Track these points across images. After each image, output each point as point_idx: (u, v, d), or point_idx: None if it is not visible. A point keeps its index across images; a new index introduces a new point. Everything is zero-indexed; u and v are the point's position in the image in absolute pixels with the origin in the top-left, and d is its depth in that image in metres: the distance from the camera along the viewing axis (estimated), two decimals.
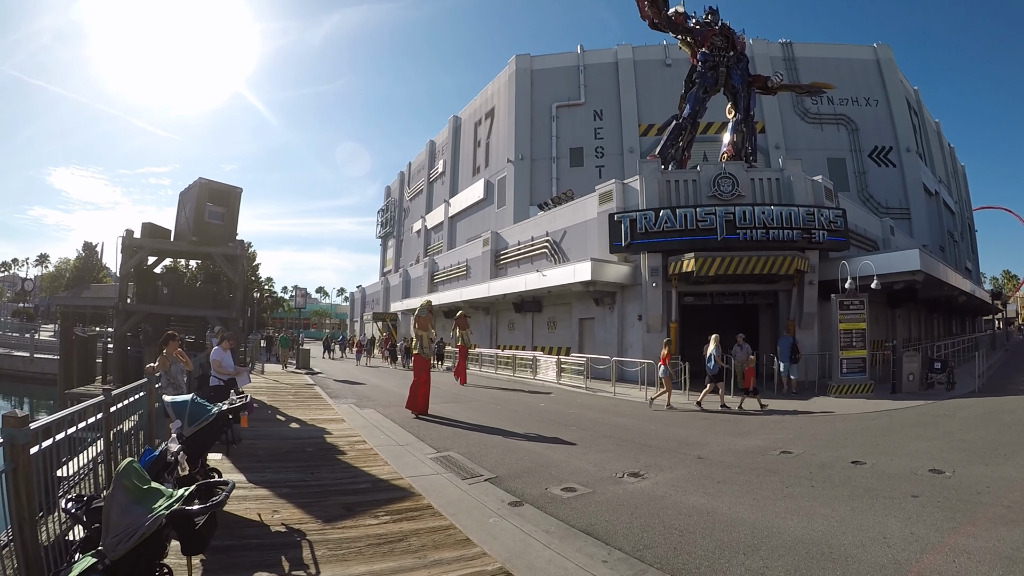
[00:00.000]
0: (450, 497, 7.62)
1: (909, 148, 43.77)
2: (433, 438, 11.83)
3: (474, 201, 49.22)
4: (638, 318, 23.64)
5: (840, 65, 43.95)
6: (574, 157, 42.52)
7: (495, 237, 35.32)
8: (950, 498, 7.66)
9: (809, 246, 22.82)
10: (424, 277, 46.11)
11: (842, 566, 5.49)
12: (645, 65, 43.64)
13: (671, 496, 7.86)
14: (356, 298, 75.20)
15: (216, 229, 21.44)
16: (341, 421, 13.76)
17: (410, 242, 65.19)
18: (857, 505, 7.41)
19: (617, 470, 9.28)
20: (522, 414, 15.88)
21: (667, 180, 24.32)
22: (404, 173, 71.13)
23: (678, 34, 26.92)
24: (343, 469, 9.17)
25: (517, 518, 6.79)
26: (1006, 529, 6.43)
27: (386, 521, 6.62)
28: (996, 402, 17.07)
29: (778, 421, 14.97)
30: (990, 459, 9.88)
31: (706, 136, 33.84)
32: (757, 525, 6.67)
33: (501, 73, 47.82)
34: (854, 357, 19.53)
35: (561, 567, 5.41)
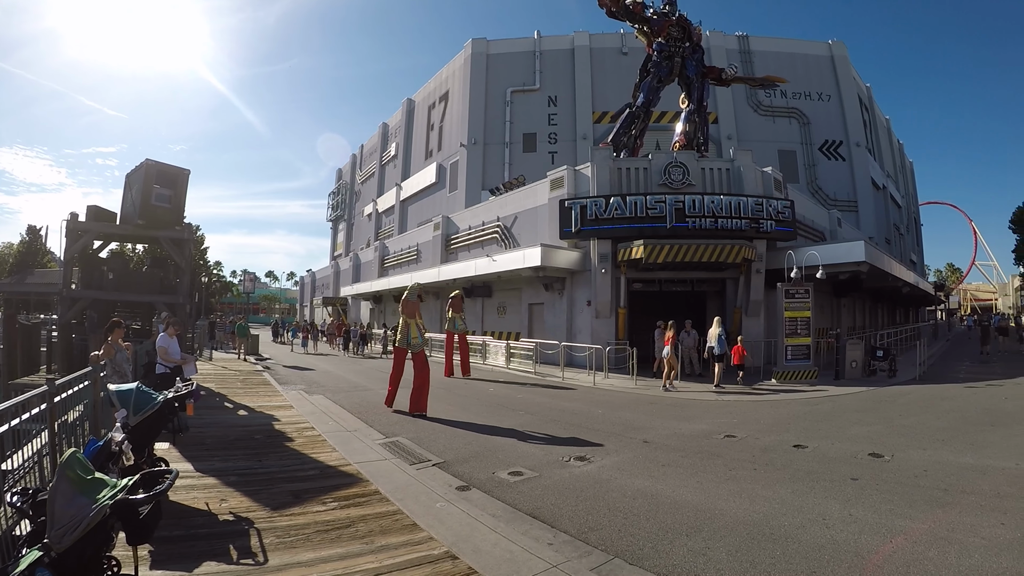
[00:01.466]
0: (398, 483, 7.64)
1: (859, 143, 44.71)
2: (382, 424, 11.78)
3: (426, 185, 48.74)
4: (587, 304, 23.61)
5: (795, 60, 44.58)
6: (527, 143, 42.30)
7: (446, 222, 34.97)
8: (889, 481, 7.87)
9: (757, 235, 23.05)
10: (375, 261, 45.51)
11: (782, 546, 5.65)
12: (601, 53, 43.50)
13: (616, 479, 7.95)
14: (306, 282, 74.18)
15: (163, 212, 20.84)
16: (290, 408, 13.58)
17: (361, 226, 64.32)
18: (798, 488, 7.58)
19: (564, 454, 9.35)
20: (471, 399, 15.81)
21: (618, 168, 24.27)
22: (356, 156, 70.04)
23: (635, 23, 26.95)
24: (291, 456, 9.09)
25: (464, 502, 6.85)
26: (942, 511, 6.64)
27: (334, 508, 6.61)
28: (935, 389, 17.48)
29: (722, 406, 15.18)
30: (928, 444, 10.15)
31: (659, 125, 33.88)
32: (700, 507, 6.80)
33: (457, 56, 47.29)
34: (799, 344, 19.78)
35: (507, 550, 5.49)
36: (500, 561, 5.27)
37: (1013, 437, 10.54)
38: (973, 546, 5.66)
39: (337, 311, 52.44)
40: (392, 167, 56.89)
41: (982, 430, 11.29)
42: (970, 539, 5.83)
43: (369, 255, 48.32)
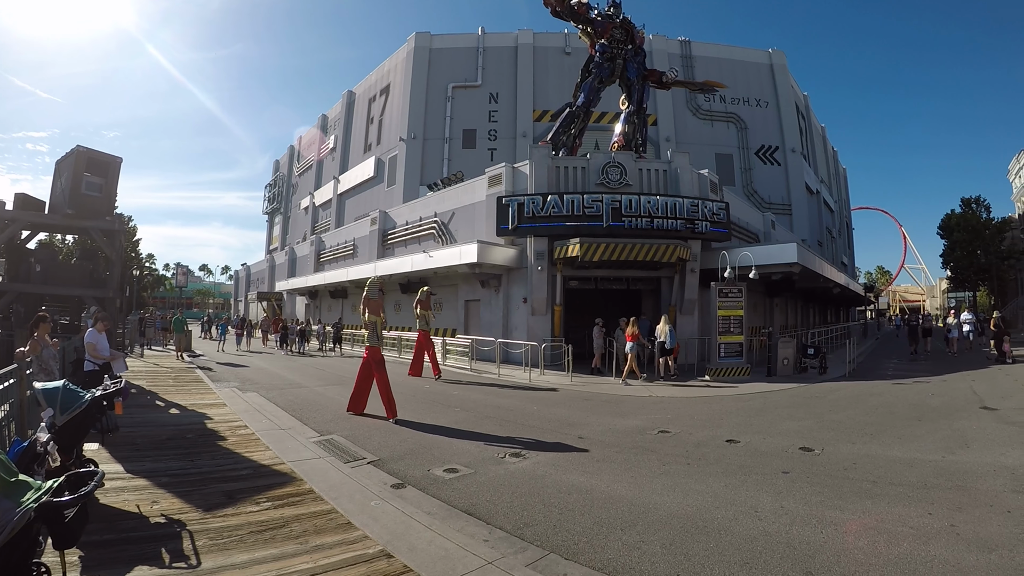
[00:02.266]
0: (332, 481, 7.58)
1: (794, 149, 45.84)
2: (316, 421, 11.57)
3: (364, 179, 47.97)
4: (523, 301, 23.50)
5: (735, 67, 45.49)
6: (467, 139, 42.03)
7: (383, 216, 34.42)
8: (819, 474, 8.09)
9: (692, 236, 23.29)
10: (310, 256, 44.59)
11: (715, 538, 5.75)
12: (545, 52, 43.58)
13: (552, 475, 8.00)
14: (240, 277, 72.20)
15: (93, 201, 19.83)
16: (223, 406, 13.22)
17: (297, 219, 63.01)
18: (731, 481, 7.72)
19: (499, 450, 9.37)
20: (407, 396, 15.44)
21: (557, 166, 24.22)
22: (294, 147, 68.50)
23: (579, 23, 26.94)
24: (224, 455, 8.91)
25: (399, 500, 6.82)
26: (871, 502, 6.83)
27: (267, 507, 6.51)
28: (864, 386, 17.95)
29: (657, 402, 15.28)
30: (857, 438, 10.41)
31: (599, 125, 34.10)
32: (635, 502, 6.87)
33: (400, 50, 46.72)
34: (732, 342, 20.14)
35: (442, 548, 5.49)
36: (435, 559, 5.25)
37: (939, 431, 10.84)
38: (902, 535, 5.80)
39: (272, 306, 51.28)
40: (330, 160, 55.86)
41: (909, 425, 11.59)
42: (899, 528, 5.98)
43: (305, 249, 47.35)
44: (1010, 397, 14.80)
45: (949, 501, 6.79)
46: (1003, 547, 5.45)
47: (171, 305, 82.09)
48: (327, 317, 38.82)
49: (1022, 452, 9.07)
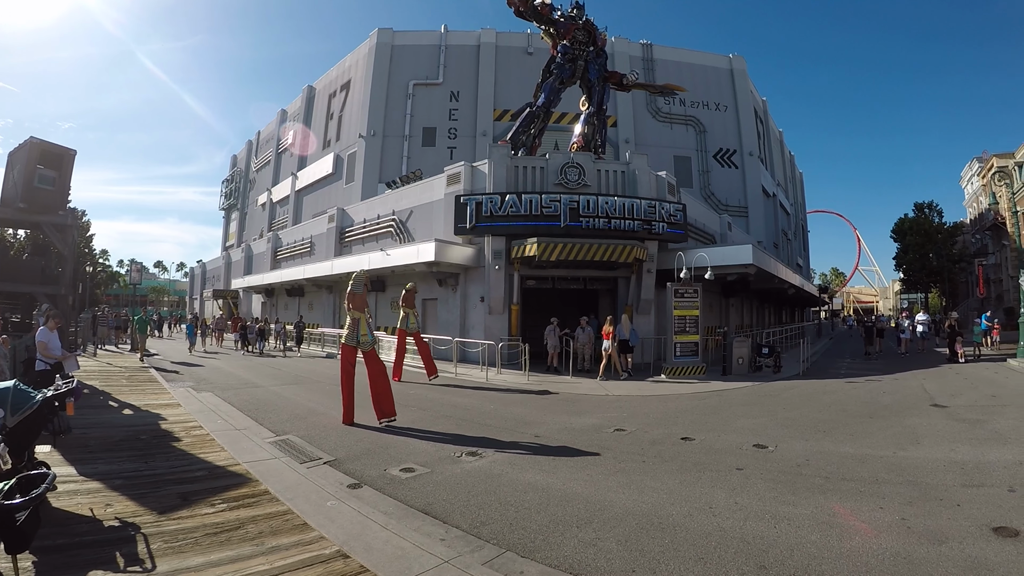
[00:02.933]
0: (288, 482, 7.59)
1: (752, 153, 46.43)
2: (272, 422, 11.46)
3: (322, 175, 47.33)
4: (480, 300, 23.45)
5: (695, 70, 45.80)
6: (427, 137, 41.69)
7: (341, 214, 34.05)
8: (773, 470, 8.27)
9: (649, 237, 23.42)
10: (267, 253, 43.88)
11: (670, 534, 5.88)
12: (507, 51, 43.48)
13: (508, 474, 8.10)
14: (196, 274, 70.66)
15: (46, 195, 19.44)
16: (177, 406, 13.06)
17: (254, 216, 61.91)
18: (686, 478, 7.88)
19: (456, 450, 9.45)
20: (363, 395, 15.30)
21: (516, 165, 24.20)
22: (252, 142, 67.20)
23: (542, 24, 26.87)
24: (179, 457, 8.87)
25: (355, 500, 6.84)
26: (824, 497, 6.99)
27: (223, 509, 6.48)
28: (817, 384, 18.39)
29: (613, 401, 15.46)
30: (810, 435, 10.63)
31: (559, 126, 34.13)
32: (590, 499, 6.96)
33: (361, 45, 46.15)
34: (687, 341, 20.36)
35: (399, 547, 5.52)
36: (392, 558, 5.28)
37: (890, 428, 11.14)
38: (853, 529, 5.97)
39: (228, 304, 50.44)
40: (288, 156, 54.92)
41: (861, 422, 11.88)
42: (851, 523, 6.16)
43: (262, 246, 46.57)
44: (960, 395, 15.27)
45: (900, 495, 6.97)
46: (953, 539, 5.62)
47: (124, 303, 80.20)
48: (284, 315, 38.31)
49: (971, 448, 9.35)
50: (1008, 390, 16.11)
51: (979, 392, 15.75)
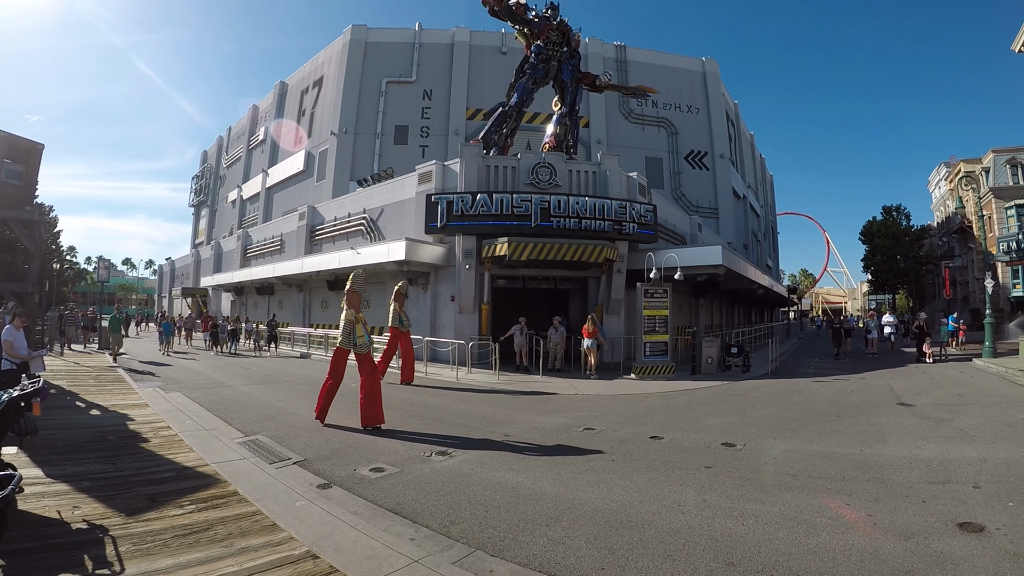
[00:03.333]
0: (257, 482, 7.49)
1: (723, 155, 46.92)
2: (241, 422, 11.32)
3: (293, 172, 46.96)
4: (451, 299, 23.39)
5: (668, 73, 46.15)
6: (399, 135, 41.54)
7: (311, 211, 33.74)
8: (741, 468, 8.33)
9: (620, 237, 23.55)
10: (237, 251, 43.28)
11: (639, 532, 5.90)
12: (481, 50, 43.48)
13: (477, 473, 8.07)
14: (165, 271, 69.62)
15: (12, 190, 18.92)
16: (145, 406, 12.82)
17: (224, 212, 61.18)
18: (654, 477, 7.90)
19: (425, 449, 9.40)
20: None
21: (487, 165, 24.18)
22: (223, 138, 66.40)
23: (516, 24, 26.93)
24: (147, 458, 8.70)
25: (325, 501, 6.79)
26: (791, 495, 7.06)
27: (191, 511, 6.41)
28: (785, 383, 18.56)
29: (582, 400, 15.48)
30: (778, 434, 10.74)
31: (531, 126, 34.23)
32: (559, 498, 6.97)
33: (335, 42, 45.83)
34: (657, 341, 20.48)
35: (368, 547, 5.48)
36: (361, 558, 5.24)
37: (857, 426, 11.28)
38: (820, 526, 6.02)
39: (197, 302, 49.81)
40: (260, 152, 54.38)
41: (829, 420, 12.00)
42: (818, 519, 6.21)
43: (232, 244, 45.96)
44: (926, 394, 15.51)
45: (866, 492, 7.06)
46: (919, 535, 5.71)
47: (92, 301, 78.92)
48: (254, 314, 37.92)
49: (937, 445, 9.50)
50: (973, 389, 16.41)
51: (945, 391, 16.02)
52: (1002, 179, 49.41)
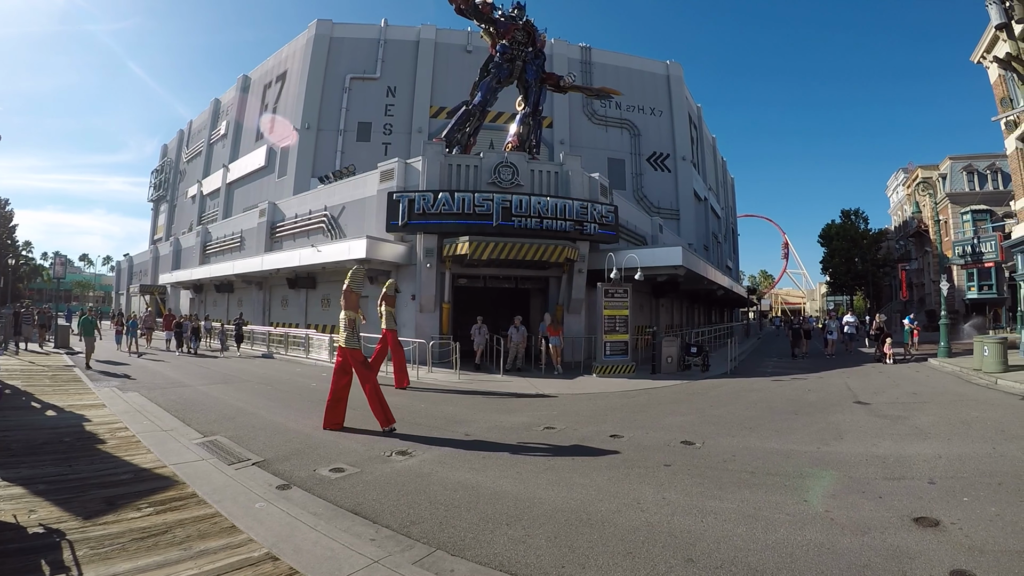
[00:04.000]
0: (216, 484, 7.43)
1: (685, 157, 47.34)
2: (200, 422, 11.19)
3: (255, 168, 46.25)
4: (412, 298, 23.27)
5: (632, 75, 46.48)
6: (362, 132, 41.19)
7: (272, 208, 33.30)
8: (700, 466, 8.46)
9: (581, 237, 23.68)
10: (196, 247, 42.53)
11: (599, 530, 5.97)
12: (446, 48, 43.31)
13: (438, 472, 8.11)
14: (123, 268, 68.11)
15: None
16: (102, 407, 12.58)
17: (184, 208, 59.93)
18: (614, 475, 7.98)
19: (385, 449, 9.40)
20: (293, 395, 15.32)
21: (450, 163, 24.14)
22: (184, 132, 65.05)
23: (482, 23, 27.00)
24: (104, 459, 8.55)
25: (284, 502, 6.76)
26: (749, 492, 7.20)
27: (149, 513, 6.34)
28: (744, 382, 18.90)
29: (543, 399, 15.57)
30: (736, 432, 10.90)
31: (494, 125, 34.27)
32: (520, 497, 7.03)
33: (300, 36, 45.21)
34: (617, 340, 20.74)
35: (328, 548, 5.47)
36: (321, 559, 5.24)
37: (814, 424, 11.51)
38: (778, 521, 6.17)
39: (155, 300, 48.89)
40: (221, 147, 53.42)
41: (787, 418, 12.23)
42: (775, 515, 6.34)
43: (191, 240, 45.16)
44: (882, 392, 15.89)
45: (823, 489, 7.23)
46: (875, 530, 5.86)
47: (48, 298, 77.16)
48: (213, 312, 37.34)
49: (892, 443, 9.76)
50: (929, 388, 16.84)
51: (901, 390, 16.42)
52: (959, 185, 50.88)
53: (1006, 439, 9.89)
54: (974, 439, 9.95)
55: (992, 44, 24.84)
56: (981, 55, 26.23)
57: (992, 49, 24.77)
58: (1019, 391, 15.43)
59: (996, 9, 17.72)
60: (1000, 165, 48.09)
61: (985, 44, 25.56)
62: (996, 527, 5.87)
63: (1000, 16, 17.68)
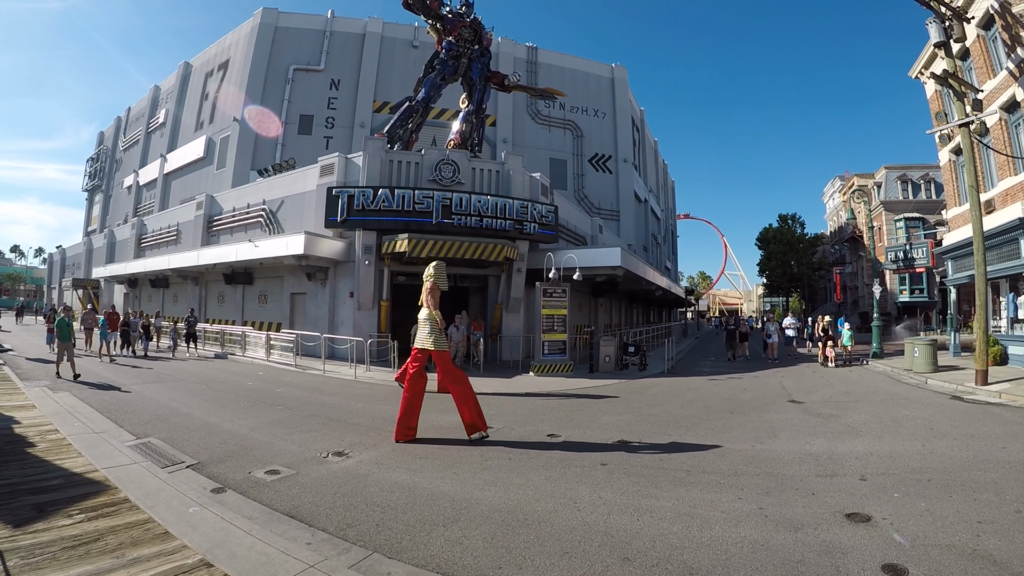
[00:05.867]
0: (148, 488, 7.21)
1: (626, 159, 47.89)
2: (133, 424, 10.90)
3: (193, 159, 45.08)
4: (350, 295, 23.16)
5: (578, 77, 46.86)
6: (303, 124, 40.57)
7: (210, 201, 32.62)
8: (636, 465, 8.49)
9: (520, 236, 23.89)
10: (131, 240, 41.32)
11: (536, 530, 5.98)
12: (392, 43, 42.96)
13: (375, 474, 8.01)
14: (55, 261, 65.56)
15: None
16: (32, 407, 12.14)
17: (120, 199, 57.95)
18: (551, 475, 7.99)
19: (322, 449, 9.31)
20: (228, 394, 15.02)
21: (391, 160, 24.03)
22: (121, 119, 62.78)
23: (429, 18, 27.03)
24: (33, 464, 8.25)
25: (218, 506, 6.61)
26: (685, 490, 7.28)
27: (81, 520, 6.08)
28: (681, 382, 19.22)
29: (481, 399, 15.27)
30: (673, 431, 11.02)
31: (438, 121, 34.31)
32: (457, 497, 7.00)
33: (244, 24, 44.24)
34: (555, 340, 20.96)
35: (263, 553, 5.38)
36: (256, 565, 5.15)
37: (749, 423, 11.72)
38: (713, 519, 6.25)
39: (88, 294, 47.37)
40: (159, 136, 51.91)
41: (722, 417, 12.43)
42: (711, 513, 6.43)
43: (126, 233, 43.76)
44: (816, 391, 16.38)
45: (758, 486, 7.36)
46: (808, 526, 6.01)
47: None
48: (148, 308, 36.28)
49: (825, 440, 10.01)
50: (861, 387, 17.42)
51: (834, 389, 16.96)
52: (893, 194, 53.04)
53: (935, 436, 10.22)
54: (904, 437, 10.26)
55: (930, 61, 26.10)
56: (919, 71, 27.39)
57: (930, 66, 26.00)
58: (948, 390, 16.14)
59: (936, 28, 18.50)
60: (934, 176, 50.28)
61: (923, 60, 26.82)
62: (926, 522, 6.08)
63: (939, 35, 18.45)
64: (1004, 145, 20.85)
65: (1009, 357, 20.30)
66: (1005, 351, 20.42)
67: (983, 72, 22.16)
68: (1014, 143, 20.72)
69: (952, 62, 18.87)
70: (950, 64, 18.73)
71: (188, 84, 50.18)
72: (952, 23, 18.68)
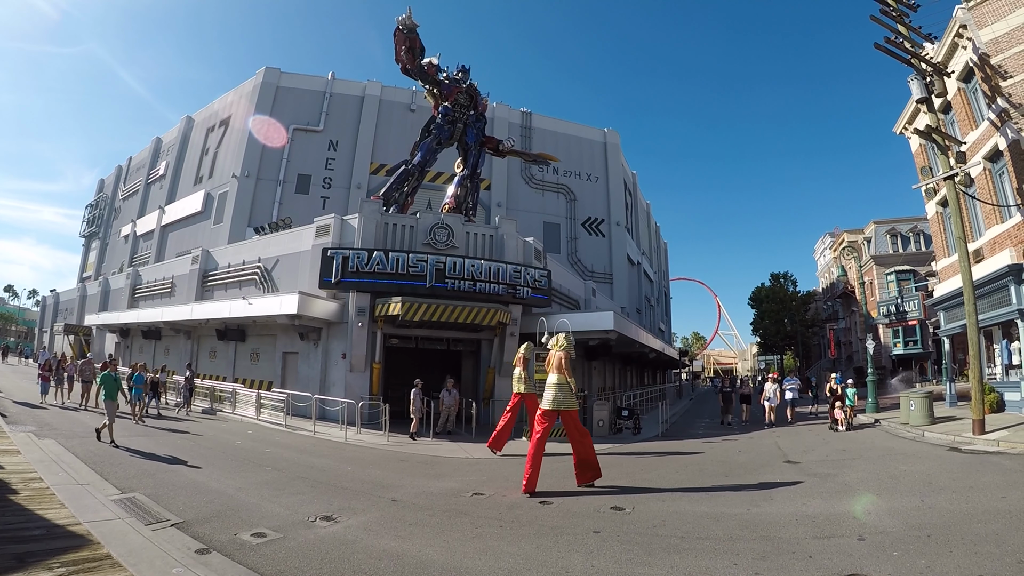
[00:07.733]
0: (132, 545, 7.09)
1: (619, 222, 48.50)
2: (118, 477, 10.84)
3: (191, 212, 45.32)
4: (342, 356, 23.17)
5: (571, 141, 47.84)
6: (301, 184, 41.05)
7: (206, 256, 32.76)
8: (629, 532, 8.34)
9: (514, 300, 24.14)
10: (125, 289, 41.26)
11: None
12: (390, 106, 43.87)
13: (363, 540, 7.83)
14: (48, 304, 65.13)
15: None
16: (16, 453, 12.12)
17: (116, 247, 57.95)
18: (543, 543, 7.83)
19: (310, 513, 9.15)
20: (216, 452, 14.94)
21: (386, 222, 24.37)
22: (122, 168, 63.00)
23: (427, 84, 27.56)
24: (15, 512, 8.21)
25: (203, 567, 6.48)
26: (679, 557, 7.14)
27: (62, 574, 6.05)
28: (676, 445, 19.15)
29: (472, 463, 15.44)
30: (667, 496, 10.89)
31: (433, 185, 34.94)
32: (446, 566, 6.83)
33: (247, 82, 45.07)
34: None
35: None
36: None
37: (744, 486, 11.56)
38: None
39: (79, 341, 47.12)
40: (158, 187, 52.29)
41: (717, 480, 12.34)
42: None
43: (120, 282, 43.78)
44: (812, 451, 16.31)
45: (753, 551, 7.24)
46: None
47: None
48: (139, 359, 36.10)
49: (822, 501, 9.92)
50: (857, 444, 17.38)
51: (830, 447, 16.92)
52: (883, 248, 53.71)
53: (934, 491, 10.20)
54: (903, 492, 10.23)
55: (913, 116, 26.97)
56: (903, 126, 28.23)
57: (913, 121, 26.87)
58: (946, 442, 16.15)
59: (917, 84, 19.16)
60: (922, 227, 50.75)
61: (907, 116, 27.71)
62: None
63: (921, 91, 19.10)
64: (989, 194, 21.40)
65: (1006, 404, 20.45)
66: (1001, 398, 20.58)
67: (965, 124, 22.91)
68: (999, 191, 21.29)
69: (935, 117, 19.47)
70: (932, 119, 19.33)
71: (189, 138, 50.83)
72: (933, 78, 19.34)
